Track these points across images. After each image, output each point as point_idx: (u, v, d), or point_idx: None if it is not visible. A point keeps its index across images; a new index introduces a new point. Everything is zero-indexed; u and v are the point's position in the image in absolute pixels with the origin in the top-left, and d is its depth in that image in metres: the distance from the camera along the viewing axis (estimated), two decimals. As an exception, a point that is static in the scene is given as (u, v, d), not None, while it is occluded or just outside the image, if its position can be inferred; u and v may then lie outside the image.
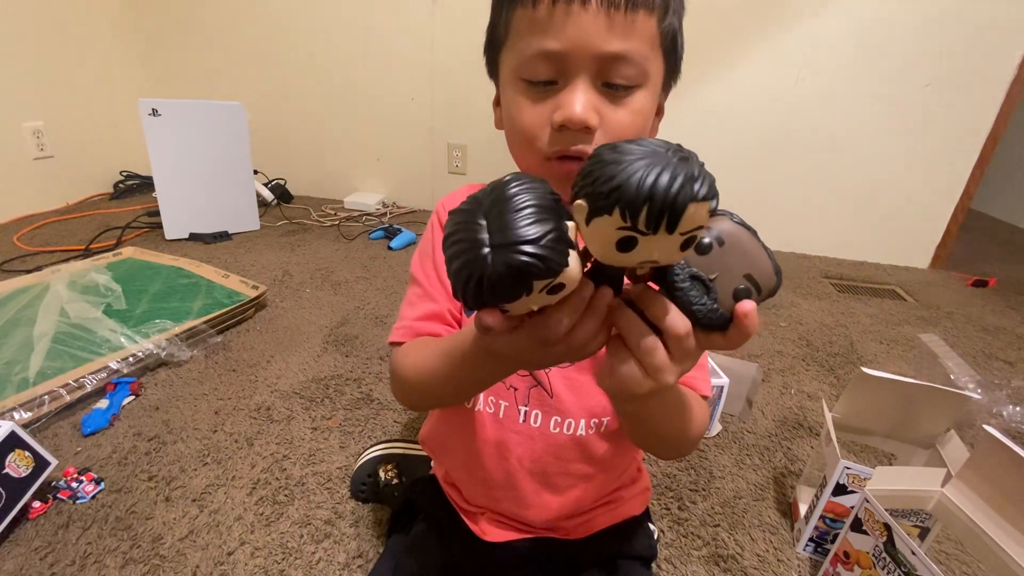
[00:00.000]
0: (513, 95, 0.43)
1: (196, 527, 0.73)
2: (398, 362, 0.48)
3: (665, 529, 0.77)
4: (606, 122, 0.41)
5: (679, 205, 0.22)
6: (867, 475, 0.66)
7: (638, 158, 0.23)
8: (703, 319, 0.28)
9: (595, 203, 0.23)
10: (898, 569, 0.57)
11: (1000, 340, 1.44)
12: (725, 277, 0.28)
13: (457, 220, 0.27)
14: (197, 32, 2.24)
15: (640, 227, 0.23)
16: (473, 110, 2.09)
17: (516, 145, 0.46)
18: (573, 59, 0.39)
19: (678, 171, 0.22)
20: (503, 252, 0.24)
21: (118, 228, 1.74)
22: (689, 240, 0.24)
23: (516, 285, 0.25)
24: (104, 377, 0.97)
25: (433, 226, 0.54)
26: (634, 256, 0.25)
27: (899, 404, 0.73)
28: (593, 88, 0.41)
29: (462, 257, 0.25)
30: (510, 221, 0.24)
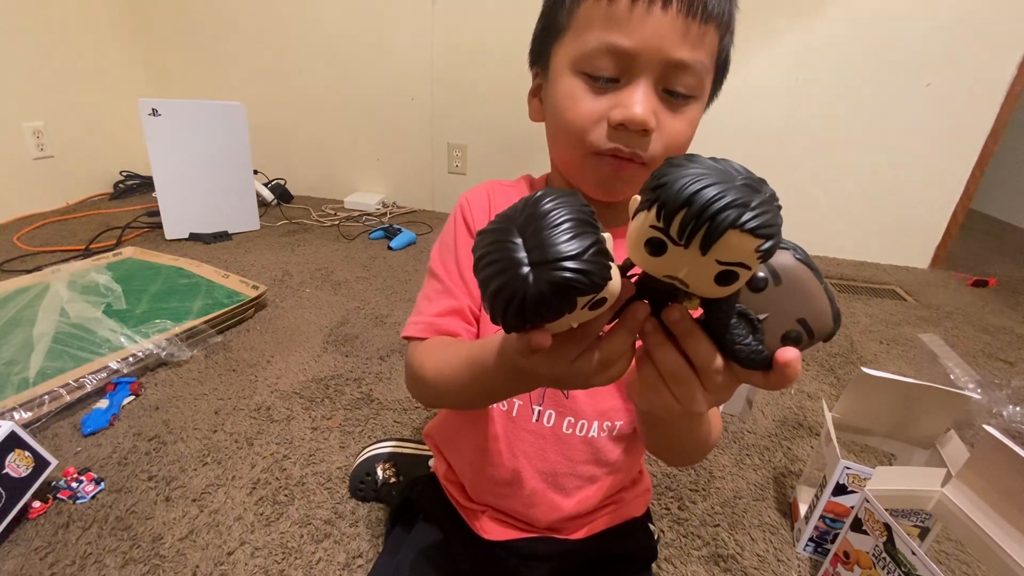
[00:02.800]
0: (568, 86, 0.43)
1: (196, 527, 0.73)
2: (417, 360, 0.46)
3: (665, 529, 0.77)
4: (662, 128, 0.41)
5: (716, 224, 0.20)
6: (867, 475, 0.66)
7: (703, 170, 0.21)
8: (743, 360, 0.26)
9: (643, 196, 0.23)
10: (898, 569, 0.57)
11: (1000, 340, 1.44)
12: (776, 318, 0.26)
13: (489, 240, 0.25)
14: (197, 32, 2.24)
15: (672, 232, 0.22)
16: (473, 110, 2.09)
17: (562, 137, 0.45)
18: (642, 60, 0.39)
19: (730, 192, 0.20)
20: (545, 270, 0.23)
21: (118, 228, 1.74)
22: (728, 275, 0.22)
23: (561, 303, 0.24)
24: (104, 377, 0.97)
25: (456, 220, 0.52)
26: (663, 265, 0.23)
27: (899, 404, 0.73)
28: (654, 92, 0.41)
29: (500, 278, 0.24)
30: (549, 237, 0.23)
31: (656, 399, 0.28)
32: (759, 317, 0.26)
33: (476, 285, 0.50)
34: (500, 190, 0.53)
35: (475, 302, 0.50)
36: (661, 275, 0.24)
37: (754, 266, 0.22)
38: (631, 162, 0.42)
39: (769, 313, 0.26)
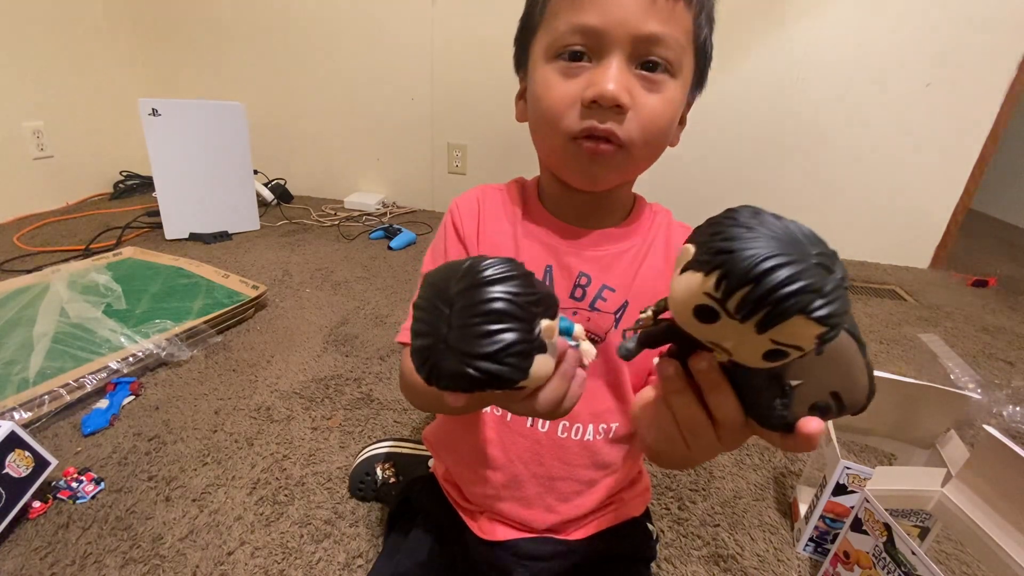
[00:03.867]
0: (543, 75, 0.43)
1: (196, 527, 0.73)
2: (406, 365, 0.47)
3: (665, 529, 0.77)
4: (638, 105, 0.41)
5: (783, 310, 0.19)
6: (867, 475, 0.66)
7: (773, 235, 0.20)
8: (765, 421, 0.25)
9: (700, 255, 0.21)
10: (898, 569, 0.57)
11: (1000, 340, 1.44)
12: (810, 387, 0.24)
13: (425, 295, 0.25)
14: (197, 32, 2.24)
15: (729, 307, 0.20)
16: (473, 110, 2.09)
17: (542, 125, 0.45)
18: (610, 36, 0.40)
19: (805, 275, 0.19)
20: (458, 357, 0.23)
21: (118, 228, 1.74)
22: (778, 353, 0.21)
23: (469, 389, 0.24)
24: (104, 377, 0.97)
25: (445, 226, 0.53)
26: (707, 332, 0.22)
27: (899, 404, 0.73)
28: (627, 69, 0.41)
29: (421, 340, 0.24)
30: (471, 327, 0.23)
31: (666, 443, 0.28)
32: (792, 384, 0.24)
33: None
34: (490, 194, 0.53)
35: None
36: (704, 340, 0.22)
37: (809, 349, 0.20)
38: (608, 143, 0.42)
39: (803, 380, 0.24)
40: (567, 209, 0.50)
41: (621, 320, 0.48)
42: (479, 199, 0.53)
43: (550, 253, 0.49)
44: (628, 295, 0.48)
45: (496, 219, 0.51)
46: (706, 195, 2.03)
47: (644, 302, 0.48)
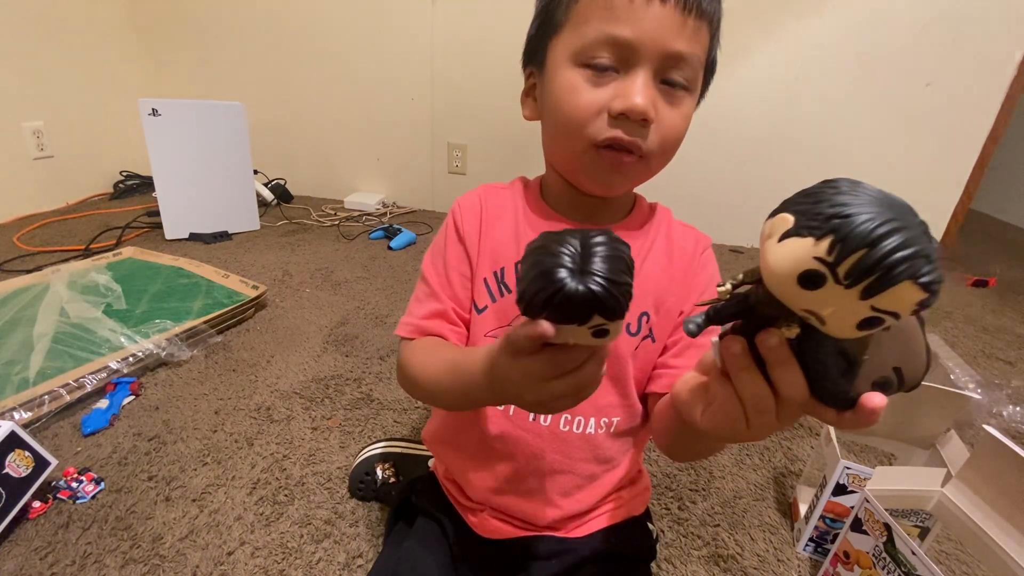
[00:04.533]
0: (568, 79, 0.43)
1: (196, 527, 0.73)
2: (406, 358, 0.49)
3: (665, 529, 0.77)
4: (660, 119, 0.42)
5: (894, 275, 0.19)
6: (867, 475, 0.66)
7: (883, 203, 0.20)
8: (828, 397, 0.25)
9: (805, 221, 0.21)
10: (898, 569, 0.57)
11: (1000, 340, 1.44)
12: (874, 362, 0.25)
13: (555, 238, 0.28)
14: (197, 32, 2.24)
15: (839, 271, 0.20)
16: (473, 110, 2.09)
17: (561, 130, 0.45)
18: (642, 50, 0.40)
19: (916, 241, 0.19)
20: (587, 277, 0.26)
21: (118, 228, 1.74)
22: (874, 321, 0.21)
23: (583, 309, 0.26)
24: (104, 377, 0.97)
25: (447, 225, 0.53)
26: (806, 300, 0.22)
27: (899, 404, 0.72)
28: (653, 83, 0.42)
29: (545, 266, 0.26)
30: (603, 258, 0.26)
31: (724, 423, 0.28)
32: (859, 359, 0.24)
33: (462, 288, 0.51)
34: (492, 192, 0.54)
35: (460, 305, 0.52)
36: (799, 309, 0.22)
37: (905, 317, 0.21)
38: (630, 154, 0.43)
39: (869, 356, 0.24)
40: (570, 208, 0.51)
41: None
42: (481, 199, 0.53)
43: None
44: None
45: (498, 218, 0.52)
46: (705, 194, 2.04)
47: (645, 299, 0.48)
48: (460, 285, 0.51)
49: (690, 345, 0.49)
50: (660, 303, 0.49)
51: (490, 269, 0.51)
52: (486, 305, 0.51)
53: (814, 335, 0.24)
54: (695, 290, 0.50)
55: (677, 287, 0.49)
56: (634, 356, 0.49)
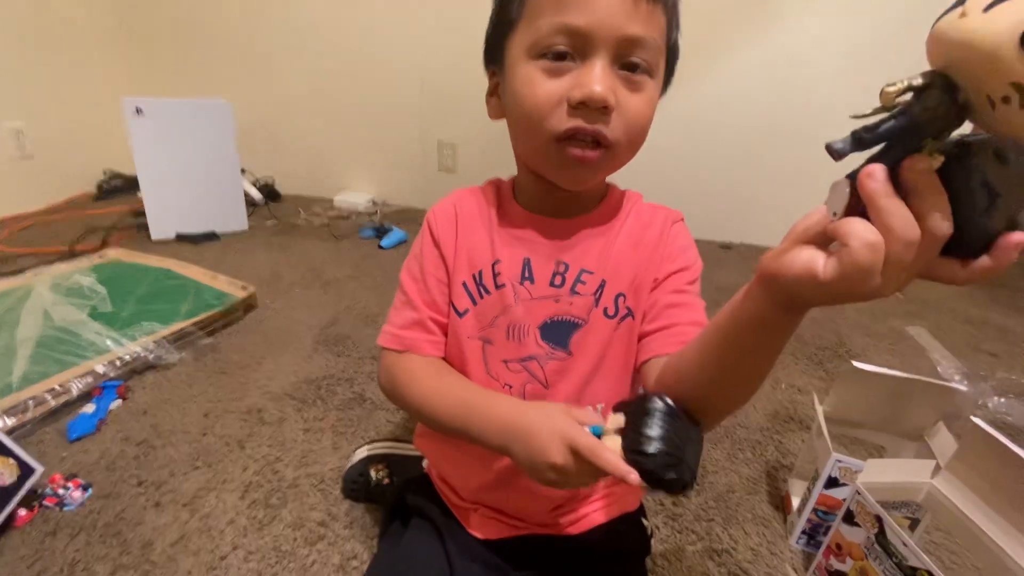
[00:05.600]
0: (526, 73, 0.43)
1: (187, 532, 0.72)
2: (400, 375, 0.51)
3: (660, 524, 0.78)
4: (622, 105, 0.42)
5: None
6: (858, 468, 0.67)
7: None
8: (971, 232, 0.24)
9: None
10: (889, 560, 0.58)
11: (984, 332, 1.47)
12: (1008, 199, 0.24)
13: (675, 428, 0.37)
14: (182, 30, 2.21)
15: None
16: (463, 107, 2.07)
17: (524, 125, 0.45)
18: (596, 37, 0.40)
19: None
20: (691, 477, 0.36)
21: (102, 229, 1.72)
22: None
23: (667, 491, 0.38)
24: (90, 381, 0.95)
25: (423, 234, 0.55)
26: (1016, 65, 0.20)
27: (888, 397, 0.73)
28: (611, 70, 0.41)
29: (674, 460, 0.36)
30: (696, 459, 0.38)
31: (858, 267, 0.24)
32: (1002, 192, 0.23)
33: (440, 294, 0.52)
34: (466, 197, 0.55)
35: (438, 312, 0.52)
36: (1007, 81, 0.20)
37: None
38: (594, 149, 0.43)
39: (1004, 193, 0.24)
40: (543, 204, 0.51)
41: (600, 298, 0.49)
42: (455, 205, 0.54)
43: (527, 247, 0.51)
44: (604, 275, 0.49)
45: (472, 222, 0.53)
46: (694, 191, 2.04)
47: (619, 280, 0.48)
48: (438, 291, 0.52)
49: (669, 305, 0.48)
50: (633, 280, 0.50)
51: (468, 272, 0.51)
52: (467, 308, 0.51)
53: (962, 163, 0.23)
54: (668, 257, 0.50)
55: (647, 261, 0.50)
56: (617, 337, 0.50)
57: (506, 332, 0.50)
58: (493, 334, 0.50)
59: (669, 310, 0.48)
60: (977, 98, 0.22)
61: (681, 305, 0.48)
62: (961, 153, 0.24)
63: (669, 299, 0.48)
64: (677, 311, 0.47)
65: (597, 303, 0.49)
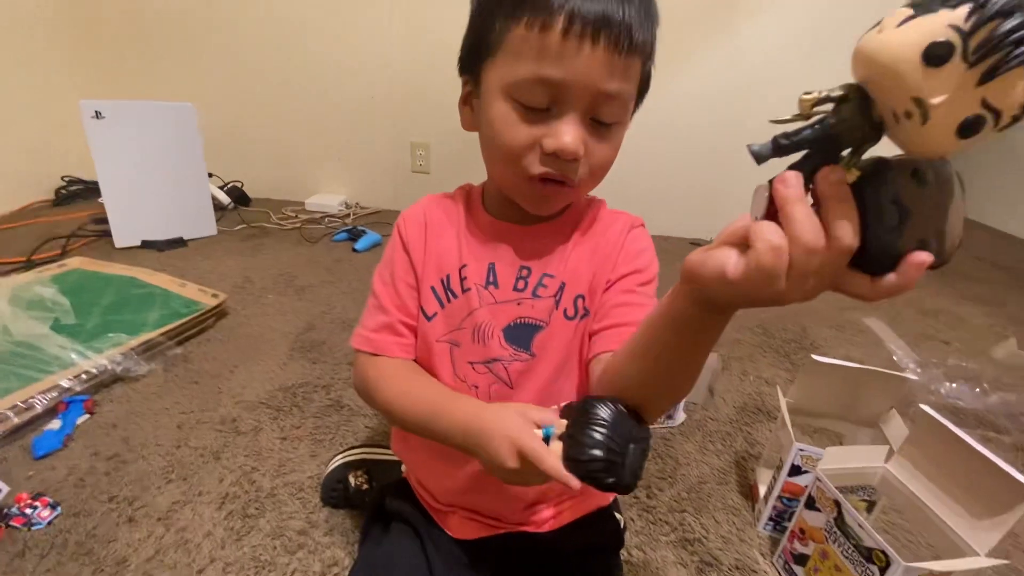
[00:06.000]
0: (502, 111, 0.44)
1: (163, 546, 0.71)
2: (372, 377, 0.52)
3: (634, 517, 0.80)
4: (589, 153, 0.44)
5: (1017, 54, 0.19)
6: (819, 456, 0.70)
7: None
8: (878, 248, 0.24)
9: (932, 3, 0.21)
10: (848, 541, 0.61)
11: (937, 321, 1.55)
12: (920, 220, 0.24)
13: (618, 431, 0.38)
14: (142, 30, 2.14)
15: (971, 42, 0.19)
16: (435, 108, 2.07)
17: (498, 159, 0.47)
18: (573, 92, 0.41)
19: None
20: (633, 478, 0.38)
21: (62, 237, 1.65)
22: (977, 122, 0.21)
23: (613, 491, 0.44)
24: (55, 396, 0.93)
25: (394, 239, 0.56)
26: (930, 81, 0.21)
27: (846, 387, 0.77)
28: (582, 122, 0.43)
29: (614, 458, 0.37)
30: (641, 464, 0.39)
31: (762, 271, 0.25)
32: (909, 210, 0.24)
33: (409, 298, 0.53)
34: (436, 203, 0.57)
35: (408, 315, 0.54)
36: (908, 96, 0.21)
37: (1003, 123, 0.21)
38: (562, 186, 0.46)
39: (917, 212, 0.24)
40: (509, 212, 0.53)
41: (560, 300, 0.51)
42: (425, 211, 0.56)
43: (492, 252, 0.52)
44: (564, 278, 0.51)
45: (441, 228, 0.54)
46: (665, 191, 2.09)
47: (578, 283, 0.50)
48: (407, 295, 0.54)
49: (617, 304, 0.50)
50: (591, 283, 0.52)
51: (436, 277, 0.53)
52: (435, 312, 0.53)
53: (876, 179, 0.24)
54: (624, 260, 0.52)
55: (603, 263, 0.52)
56: (578, 338, 0.51)
57: (472, 335, 0.51)
58: (460, 337, 0.52)
59: (617, 309, 0.49)
60: (885, 112, 0.23)
61: (629, 305, 0.49)
62: (878, 169, 0.25)
63: (618, 299, 0.50)
64: (625, 310, 0.49)
65: (557, 305, 0.51)
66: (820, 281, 0.26)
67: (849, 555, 0.61)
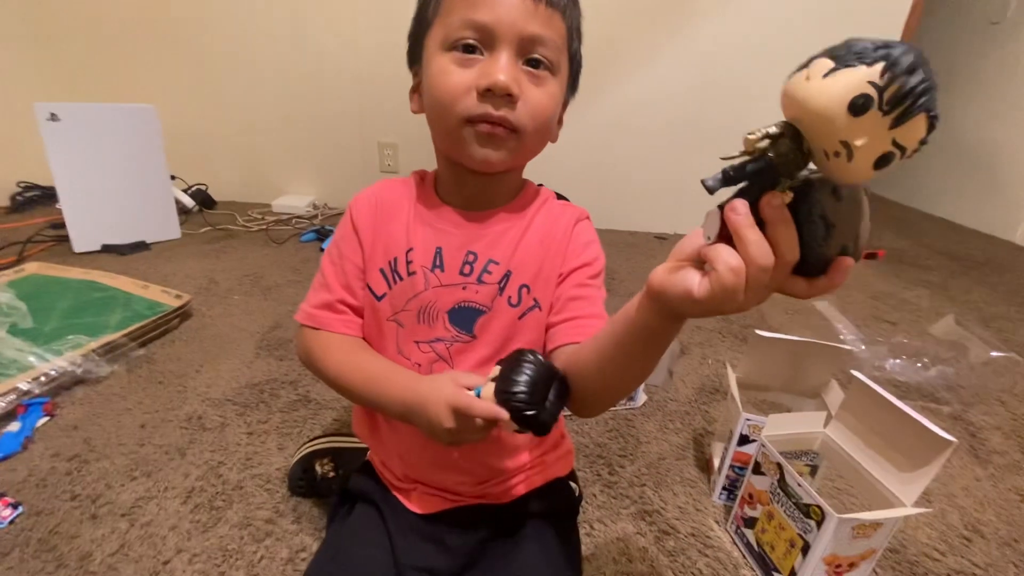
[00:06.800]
0: (439, 64, 0.47)
1: (128, 541, 0.71)
2: (315, 349, 0.56)
3: (597, 492, 0.83)
4: (526, 96, 0.47)
5: (923, 103, 0.23)
6: (764, 424, 0.75)
7: (907, 49, 0.23)
8: (812, 257, 0.29)
9: (852, 58, 0.24)
10: (789, 501, 0.65)
11: (886, 304, 1.63)
12: (841, 230, 0.29)
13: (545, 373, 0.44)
14: (102, 31, 2.09)
15: (888, 94, 0.23)
16: (402, 107, 2.04)
17: (438, 111, 0.49)
18: (499, 32, 0.45)
19: (935, 81, 0.23)
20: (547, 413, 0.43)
21: (18, 243, 1.61)
22: (888, 157, 0.25)
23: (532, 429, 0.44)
24: (13, 399, 0.91)
25: (345, 221, 0.58)
26: (852, 127, 0.24)
27: (789, 361, 0.82)
28: (515, 64, 0.46)
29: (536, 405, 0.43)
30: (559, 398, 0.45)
31: (723, 288, 0.28)
32: (833, 224, 0.29)
33: (355, 278, 0.56)
34: (388, 188, 0.59)
35: (352, 295, 0.56)
36: (837, 139, 0.25)
37: (907, 156, 0.25)
38: (502, 127, 0.47)
39: (839, 224, 0.29)
40: (459, 195, 0.55)
41: (505, 288, 0.53)
42: (376, 194, 0.58)
43: (440, 236, 0.54)
44: (510, 266, 0.53)
45: (391, 212, 0.56)
46: (628, 186, 2.14)
47: (524, 272, 0.53)
48: (354, 276, 0.56)
49: (572, 298, 0.53)
50: (538, 273, 0.54)
51: (384, 259, 0.54)
52: (384, 292, 0.55)
53: (806, 199, 0.28)
54: (572, 253, 0.55)
55: (553, 256, 0.54)
56: (523, 325, 0.54)
57: (417, 316, 0.54)
58: (405, 317, 0.54)
59: (572, 303, 0.53)
60: (816, 150, 0.27)
61: (583, 298, 0.53)
62: (806, 190, 0.29)
63: (572, 292, 0.53)
64: (580, 304, 0.52)
65: (501, 292, 0.53)
66: (769, 289, 0.30)
67: (791, 513, 0.65)
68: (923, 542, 0.78)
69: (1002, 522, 0.83)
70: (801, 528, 0.63)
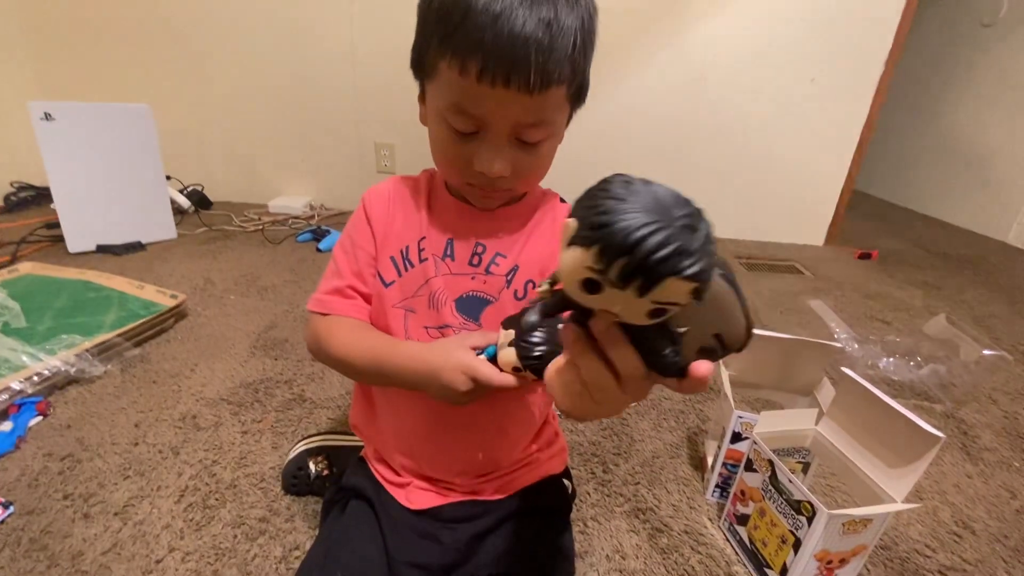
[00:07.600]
0: (439, 131, 0.49)
1: (120, 540, 0.71)
2: (323, 332, 0.56)
3: (591, 491, 0.83)
4: (518, 166, 0.48)
5: (657, 273, 0.21)
6: (756, 421, 0.75)
7: (642, 208, 0.21)
8: (661, 369, 0.27)
9: (582, 230, 0.22)
10: (781, 497, 0.66)
11: (880, 304, 1.64)
12: (695, 332, 0.27)
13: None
14: (95, 29, 2.09)
15: (610, 277, 0.22)
16: (399, 107, 2.08)
17: (441, 165, 0.53)
18: (491, 122, 0.45)
19: (674, 239, 0.21)
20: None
21: (12, 244, 1.61)
22: (660, 311, 0.23)
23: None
24: (6, 399, 0.91)
25: (359, 211, 0.58)
26: (595, 301, 0.24)
27: (781, 358, 0.82)
28: (508, 143, 0.46)
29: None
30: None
31: (577, 402, 0.29)
32: (679, 331, 0.26)
33: (367, 266, 0.56)
34: (402, 182, 0.60)
35: (362, 282, 0.57)
36: (594, 308, 0.25)
37: (686, 303, 0.23)
38: (498, 191, 0.51)
39: (689, 327, 0.26)
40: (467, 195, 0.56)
41: (512, 281, 0.54)
42: (390, 189, 0.59)
43: (451, 229, 0.56)
44: (517, 261, 0.55)
45: (404, 204, 0.57)
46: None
47: (531, 268, 0.54)
48: (365, 263, 0.57)
49: None
50: (544, 272, 0.55)
51: (396, 248, 0.56)
52: (393, 280, 0.56)
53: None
54: None
55: (557, 255, 0.55)
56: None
57: (427, 302, 0.55)
58: (415, 304, 0.55)
59: None
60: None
61: None
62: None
63: None
64: None
65: (508, 284, 0.54)
66: (637, 391, 0.28)
67: (782, 509, 0.65)
68: (914, 538, 0.78)
69: (992, 518, 0.83)
70: (792, 524, 0.64)
